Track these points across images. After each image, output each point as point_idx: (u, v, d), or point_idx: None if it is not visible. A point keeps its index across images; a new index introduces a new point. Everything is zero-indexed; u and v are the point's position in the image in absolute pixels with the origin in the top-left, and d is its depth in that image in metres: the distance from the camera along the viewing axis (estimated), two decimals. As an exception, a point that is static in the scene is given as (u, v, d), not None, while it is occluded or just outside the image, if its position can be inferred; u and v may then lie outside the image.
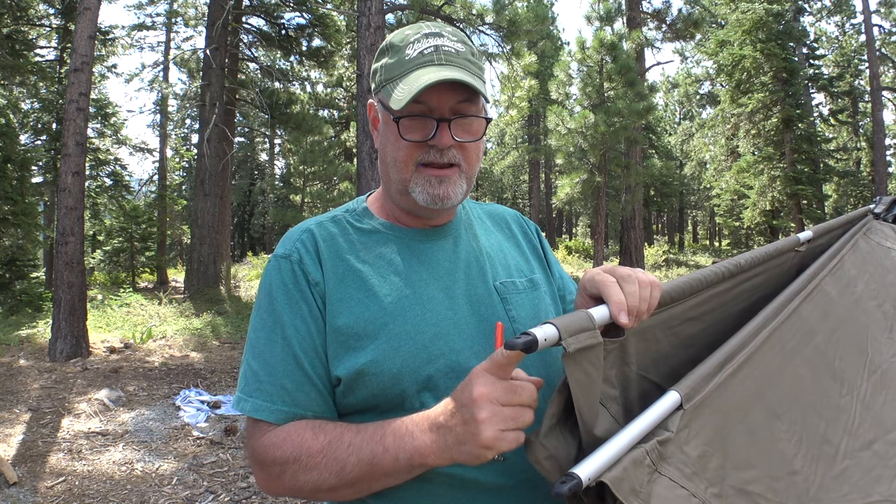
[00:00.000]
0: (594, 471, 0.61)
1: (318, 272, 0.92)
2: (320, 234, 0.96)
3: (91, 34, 7.09)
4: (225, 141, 12.38)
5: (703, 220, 43.44)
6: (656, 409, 0.71)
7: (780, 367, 0.96)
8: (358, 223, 1.00)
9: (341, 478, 0.80)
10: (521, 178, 37.36)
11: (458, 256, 0.99)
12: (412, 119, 0.89)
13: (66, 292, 6.75)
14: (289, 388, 0.87)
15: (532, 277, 1.05)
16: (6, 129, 11.75)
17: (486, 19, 10.04)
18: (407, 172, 0.92)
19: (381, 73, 0.94)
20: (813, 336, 1.10)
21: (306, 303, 0.90)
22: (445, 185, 0.91)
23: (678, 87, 35.40)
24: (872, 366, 1.20)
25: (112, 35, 17.28)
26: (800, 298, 1.10)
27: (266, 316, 0.91)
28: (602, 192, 13.91)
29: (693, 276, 0.88)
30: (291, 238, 0.97)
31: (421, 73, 0.87)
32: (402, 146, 0.91)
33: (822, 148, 21.49)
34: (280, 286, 0.92)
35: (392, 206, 1.01)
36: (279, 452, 0.84)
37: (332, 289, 0.91)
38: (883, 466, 1.02)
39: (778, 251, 1.15)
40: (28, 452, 4.14)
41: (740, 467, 0.77)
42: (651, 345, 0.82)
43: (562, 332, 0.65)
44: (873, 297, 1.39)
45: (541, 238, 1.16)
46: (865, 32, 20.50)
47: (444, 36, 0.92)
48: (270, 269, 0.95)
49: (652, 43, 19.36)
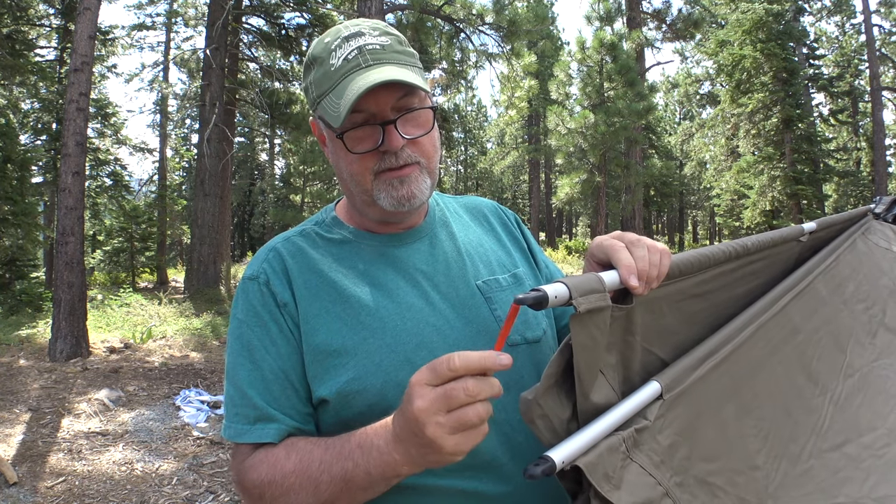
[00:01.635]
0: (569, 455, 0.62)
1: (287, 292, 0.89)
2: (287, 251, 0.93)
3: (91, 34, 7.09)
4: (225, 141, 12.38)
5: (703, 220, 43.45)
6: (637, 398, 0.72)
7: (759, 363, 0.96)
8: (328, 234, 0.97)
9: (318, 497, 0.77)
10: (521, 178, 37.37)
11: (436, 258, 0.96)
12: (356, 130, 0.86)
13: (66, 292, 6.75)
14: (260, 407, 0.85)
15: (515, 272, 1.01)
16: (6, 129, 11.75)
17: (486, 19, 10.04)
18: (367, 183, 0.89)
19: (312, 89, 0.90)
20: (795, 335, 1.10)
21: (276, 323, 0.88)
22: (408, 184, 0.88)
23: (678, 87, 35.38)
24: (850, 369, 1.20)
25: (112, 35, 17.28)
26: (790, 296, 1.10)
27: (235, 341, 0.89)
28: (602, 192, 13.91)
29: (701, 252, 0.87)
30: (258, 259, 0.94)
31: (350, 82, 0.83)
32: (353, 160, 0.88)
33: (822, 148, 21.49)
34: (248, 309, 0.90)
35: (360, 216, 0.97)
36: (255, 475, 0.82)
37: (306, 306, 0.88)
38: (854, 468, 1.02)
39: (783, 238, 1.14)
40: (28, 452, 4.14)
41: (705, 459, 0.78)
42: (657, 318, 0.82)
43: (572, 291, 0.65)
44: (862, 300, 1.38)
45: (521, 227, 1.13)
46: (865, 32, 20.50)
47: (364, 34, 0.87)
48: (239, 292, 0.93)
49: (652, 43, 19.37)
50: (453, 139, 24.88)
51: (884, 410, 1.17)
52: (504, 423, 0.86)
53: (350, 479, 0.75)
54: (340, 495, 0.77)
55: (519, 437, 0.86)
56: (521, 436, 0.86)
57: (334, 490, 0.77)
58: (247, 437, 0.85)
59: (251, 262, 0.95)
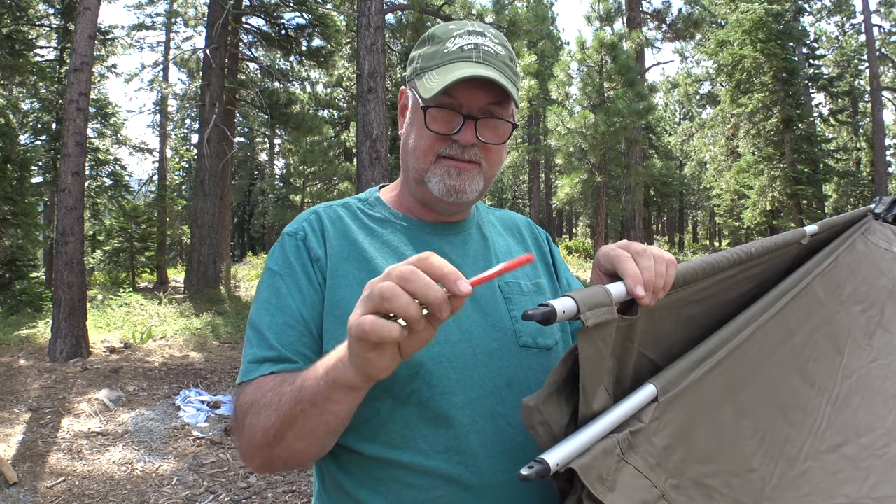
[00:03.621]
0: (563, 457, 0.62)
1: (321, 249, 0.93)
2: (328, 216, 0.97)
3: (91, 34, 7.09)
4: (225, 141, 12.37)
5: (703, 220, 43.43)
6: (632, 401, 0.72)
7: (755, 365, 0.96)
8: (369, 210, 1.00)
9: (280, 412, 0.75)
10: (521, 178, 37.35)
11: (467, 253, 0.98)
12: (440, 110, 0.89)
13: (66, 292, 6.75)
14: (276, 347, 0.86)
15: (537, 282, 1.03)
16: (6, 129, 11.75)
17: (486, 19, 10.03)
18: (426, 162, 0.92)
19: (417, 61, 0.94)
20: (792, 336, 1.10)
21: (306, 275, 0.91)
22: (463, 177, 0.91)
23: (678, 87, 35.40)
24: (847, 370, 1.20)
25: (112, 35, 17.29)
26: (787, 298, 1.10)
27: (264, 289, 0.92)
28: (602, 192, 13.91)
29: (706, 260, 0.88)
30: (300, 219, 0.99)
31: (456, 67, 0.87)
32: (424, 135, 0.91)
33: (822, 148, 21.49)
34: (282, 260, 0.93)
35: (407, 197, 1.01)
36: (243, 398, 0.83)
37: (335, 265, 0.91)
38: (853, 469, 1.02)
39: (785, 242, 1.15)
40: (28, 452, 4.14)
41: (701, 461, 0.78)
42: (656, 323, 0.82)
43: (580, 305, 0.65)
44: (860, 301, 1.38)
45: (551, 245, 1.15)
46: (865, 32, 20.50)
47: (486, 36, 0.92)
48: (277, 246, 0.96)
49: (652, 43, 19.38)
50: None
51: (882, 411, 1.17)
52: (500, 417, 0.86)
53: (302, 388, 0.74)
54: (294, 409, 0.74)
55: (518, 437, 0.86)
56: (521, 436, 0.86)
57: (290, 402, 0.75)
58: (255, 373, 0.85)
59: (294, 221, 0.99)
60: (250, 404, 0.81)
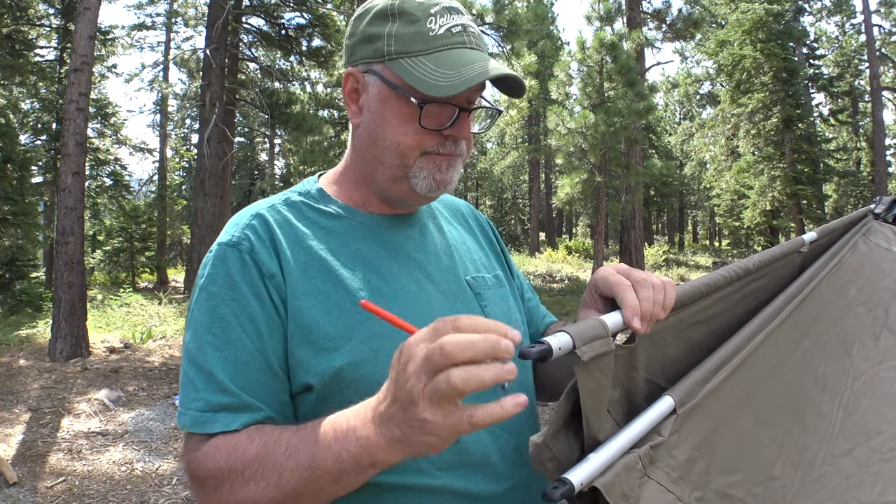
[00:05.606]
0: (587, 476, 0.61)
1: (274, 262, 0.79)
2: (273, 219, 0.83)
3: (91, 34, 7.08)
4: (225, 141, 12.37)
5: (703, 220, 43.44)
6: (651, 414, 0.71)
7: (770, 371, 0.96)
8: (316, 205, 0.88)
9: (281, 489, 0.67)
10: (521, 178, 37.34)
11: (428, 248, 0.91)
12: (441, 106, 0.80)
13: (66, 292, 6.75)
14: (232, 392, 0.74)
15: (496, 274, 0.99)
16: (6, 129, 11.75)
17: (486, 19, 10.04)
18: (410, 159, 0.82)
19: (388, 41, 0.80)
20: (803, 340, 1.10)
21: (258, 298, 0.77)
22: (451, 170, 0.84)
23: (678, 87, 35.39)
24: (856, 372, 1.20)
25: (112, 35, 17.29)
26: (796, 302, 1.10)
27: (204, 316, 0.77)
28: (602, 192, 13.91)
29: (703, 281, 0.87)
30: (238, 224, 0.83)
31: (457, 56, 0.78)
32: (411, 131, 0.81)
33: (822, 148, 21.50)
34: (223, 279, 0.78)
35: (362, 192, 0.90)
36: (213, 463, 0.71)
37: (295, 281, 0.79)
38: (864, 473, 1.01)
39: (784, 253, 1.14)
40: (28, 452, 4.14)
41: (724, 472, 0.77)
42: (660, 349, 0.82)
43: (576, 340, 0.64)
44: (865, 303, 1.38)
45: (495, 232, 1.10)
46: (865, 32, 20.50)
47: (462, 13, 0.83)
48: (213, 260, 0.80)
49: (652, 43, 19.38)
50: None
51: (890, 414, 1.16)
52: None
53: (318, 466, 0.65)
54: (306, 487, 0.67)
55: (511, 440, 0.85)
56: (514, 440, 0.85)
57: (300, 480, 0.67)
58: (211, 426, 0.73)
59: (228, 228, 0.84)
60: (227, 472, 0.70)
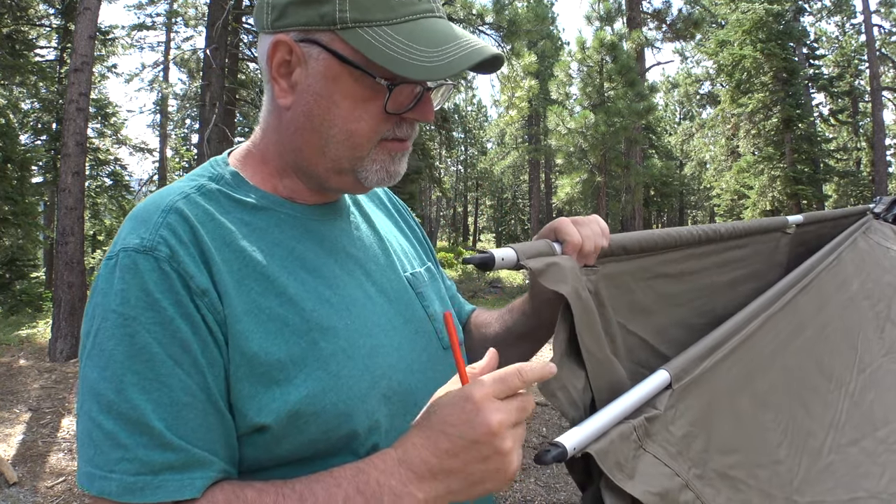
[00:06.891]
0: (580, 441, 0.60)
1: (204, 274, 0.61)
2: (194, 214, 0.65)
3: (91, 34, 7.08)
4: (225, 141, 12.36)
5: (703, 220, 43.44)
6: (645, 386, 0.72)
7: (770, 356, 0.97)
8: (235, 194, 0.70)
9: None
10: (521, 178, 37.34)
11: (363, 242, 0.79)
12: (409, 87, 0.68)
13: (66, 292, 6.75)
14: (175, 446, 0.57)
15: (428, 267, 0.89)
16: (6, 129, 11.75)
17: (486, 19, 10.04)
18: (364, 148, 0.68)
19: (341, 4, 0.64)
20: (804, 329, 1.11)
21: (187, 320, 0.59)
22: (404, 160, 0.73)
23: (678, 87, 35.38)
24: (862, 364, 1.21)
25: (112, 35, 17.29)
26: (796, 290, 1.11)
27: (118, 347, 0.58)
28: (602, 192, 13.91)
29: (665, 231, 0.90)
30: (149, 221, 0.63)
31: (434, 28, 0.67)
32: (367, 117, 0.67)
33: (822, 148, 21.48)
34: (140, 299, 0.58)
35: (290, 180, 0.74)
36: None
37: (232, 298, 0.62)
38: (871, 463, 1.02)
39: (763, 228, 1.16)
40: (28, 452, 4.14)
41: (723, 451, 0.78)
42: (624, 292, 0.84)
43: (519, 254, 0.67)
44: (867, 297, 1.40)
45: (411, 214, 0.98)
46: (865, 32, 20.51)
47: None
48: (121, 271, 0.60)
49: (652, 43, 19.38)
50: (453, 139, 24.89)
51: None
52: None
53: None
54: None
55: None
56: None
57: None
58: (153, 495, 0.56)
59: (133, 226, 0.63)
60: None
